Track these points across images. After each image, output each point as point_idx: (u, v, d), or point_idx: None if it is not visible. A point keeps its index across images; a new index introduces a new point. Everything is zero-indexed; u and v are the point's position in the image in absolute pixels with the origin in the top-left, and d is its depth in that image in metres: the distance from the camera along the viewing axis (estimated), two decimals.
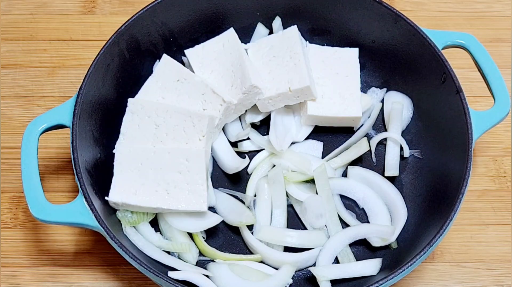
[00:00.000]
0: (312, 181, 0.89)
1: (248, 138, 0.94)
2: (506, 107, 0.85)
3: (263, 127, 0.95)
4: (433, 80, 0.89)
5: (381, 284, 0.74)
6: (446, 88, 0.87)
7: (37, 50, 1.04)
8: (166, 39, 0.96)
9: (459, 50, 0.90)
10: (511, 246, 0.90)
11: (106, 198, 0.82)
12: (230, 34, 0.93)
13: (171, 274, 0.77)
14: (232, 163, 0.90)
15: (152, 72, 0.92)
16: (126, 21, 0.90)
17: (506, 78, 0.91)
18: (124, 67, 0.91)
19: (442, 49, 0.89)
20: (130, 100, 0.88)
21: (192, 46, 0.94)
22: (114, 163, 0.84)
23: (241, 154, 0.93)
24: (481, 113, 0.84)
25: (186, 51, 0.94)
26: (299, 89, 0.89)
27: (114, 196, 0.83)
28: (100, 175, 0.84)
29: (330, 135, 0.94)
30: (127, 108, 0.87)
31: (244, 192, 0.89)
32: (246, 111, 0.93)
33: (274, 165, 0.91)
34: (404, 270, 0.75)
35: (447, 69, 0.87)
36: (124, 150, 0.85)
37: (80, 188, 0.79)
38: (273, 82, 0.91)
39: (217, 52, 0.92)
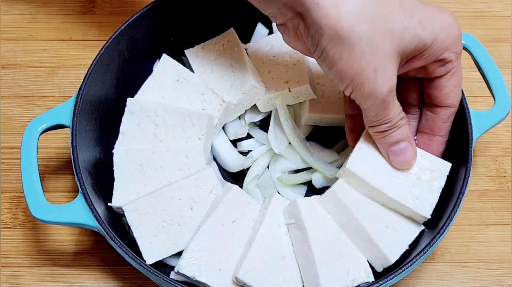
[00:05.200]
0: (305, 183, 0.90)
1: (248, 137, 0.94)
2: (506, 107, 0.85)
3: (263, 127, 0.95)
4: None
5: (381, 284, 0.74)
6: None
7: (37, 50, 1.04)
8: (166, 39, 0.96)
9: None
10: (511, 246, 0.90)
11: (109, 204, 0.82)
12: (230, 34, 0.93)
13: (174, 275, 0.78)
14: (236, 161, 0.90)
15: (152, 72, 0.92)
16: (126, 21, 0.90)
17: (506, 78, 0.91)
18: (124, 67, 0.91)
19: None
20: (129, 99, 0.88)
21: (192, 46, 0.94)
22: (114, 168, 0.84)
23: (241, 154, 0.93)
24: (481, 113, 0.84)
25: (186, 51, 0.94)
26: (299, 89, 0.89)
27: (117, 201, 0.82)
28: (100, 175, 0.84)
29: (330, 135, 0.94)
30: (126, 108, 0.87)
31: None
32: (246, 110, 0.93)
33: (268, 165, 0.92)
34: (404, 270, 0.75)
35: None
36: (122, 153, 0.85)
37: (80, 188, 0.79)
38: (273, 82, 0.91)
39: (217, 52, 0.92)
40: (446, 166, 0.80)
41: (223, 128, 0.94)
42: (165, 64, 0.90)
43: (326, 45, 0.68)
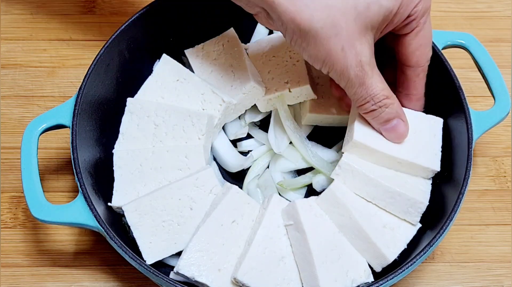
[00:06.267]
0: (307, 186, 0.90)
1: (248, 137, 0.94)
2: (506, 107, 0.85)
3: (263, 127, 0.95)
4: (433, 80, 0.89)
5: (381, 284, 0.74)
6: (446, 88, 0.87)
7: (37, 50, 1.04)
8: (166, 39, 0.96)
9: (459, 50, 0.90)
10: (511, 246, 0.90)
11: (109, 204, 0.82)
12: (230, 34, 0.93)
13: (173, 275, 0.78)
14: (236, 161, 0.90)
15: (152, 72, 0.91)
16: (126, 21, 0.90)
17: (506, 78, 0.91)
18: (124, 67, 0.91)
19: (442, 49, 0.89)
20: (129, 99, 0.88)
21: (192, 46, 0.94)
22: (114, 168, 0.84)
23: (241, 154, 0.93)
24: (481, 113, 0.84)
25: (186, 51, 0.94)
26: (299, 89, 0.89)
27: (117, 201, 0.82)
28: (100, 175, 0.84)
29: (330, 135, 0.94)
30: (126, 108, 0.87)
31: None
32: (246, 110, 0.93)
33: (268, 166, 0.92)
34: (404, 270, 0.75)
35: (448, 69, 0.87)
36: (122, 153, 0.85)
37: (80, 188, 0.79)
38: (273, 82, 0.91)
39: (217, 52, 0.92)
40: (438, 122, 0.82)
41: (223, 128, 0.94)
42: (165, 64, 0.91)
43: (291, 37, 0.72)
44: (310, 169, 0.91)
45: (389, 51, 0.82)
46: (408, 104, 0.82)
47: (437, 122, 0.84)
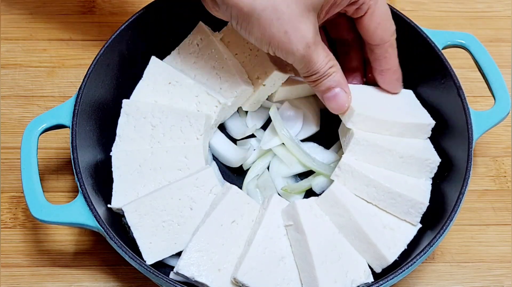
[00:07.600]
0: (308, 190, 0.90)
1: (248, 137, 0.94)
2: (507, 107, 0.85)
3: (263, 126, 0.95)
4: (433, 80, 0.89)
5: (381, 284, 0.74)
6: (446, 88, 0.87)
7: (37, 50, 1.04)
8: (166, 39, 0.96)
9: (459, 50, 0.90)
10: (511, 246, 0.90)
11: (109, 205, 0.82)
12: (200, 30, 0.91)
13: (173, 275, 0.78)
14: (237, 155, 0.90)
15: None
16: (126, 21, 0.90)
17: (506, 78, 0.90)
18: (124, 67, 0.91)
19: (443, 49, 0.89)
20: (124, 101, 0.87)
21: None
22: (112, 169, 0.84)
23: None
24: (481, 113, 0.84)
25: (165, 60, 0.92)
26: (270, 78, 0.87)
27: (117, 202, 0.82)
28: (100, 175, 0.84)
29: (328, 137, 0.94)
30: (122, 110, 0.87)
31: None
32: (247, 113, 0.93)
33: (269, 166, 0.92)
34: (404, 270, 0.75)
35: (448, 69, 0.87)
36: (120, 154, 0.85)
37: (79, 188, 0.79)
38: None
39: (194, 54, 0.91)
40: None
41: (223, 126, 0.94)
42: (154, 67, 0.89)
43: (237, 21, 0.74)
44: (311, 171, 0.91)
45: (350, 33, 0.86)
46: (385, 78, 0.84)
47: (407, 92, 0.88)
